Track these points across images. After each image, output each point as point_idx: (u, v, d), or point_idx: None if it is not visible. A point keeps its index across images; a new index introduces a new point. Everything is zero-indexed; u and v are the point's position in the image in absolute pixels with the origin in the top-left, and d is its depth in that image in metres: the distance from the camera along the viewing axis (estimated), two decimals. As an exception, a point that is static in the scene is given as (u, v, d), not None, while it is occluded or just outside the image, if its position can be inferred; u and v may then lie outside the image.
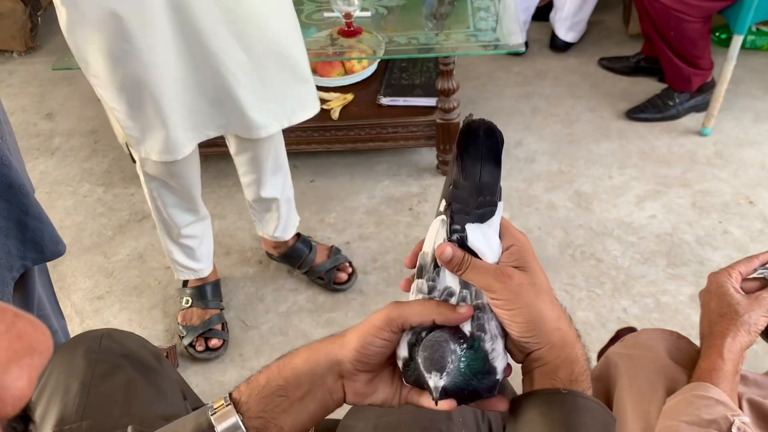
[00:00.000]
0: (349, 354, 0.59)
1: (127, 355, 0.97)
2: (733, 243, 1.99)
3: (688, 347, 0.96)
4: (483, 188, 0.59)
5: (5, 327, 0.28)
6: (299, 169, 2.36)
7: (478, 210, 0.59)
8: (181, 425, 0.62)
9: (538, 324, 0.56)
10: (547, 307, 0.57)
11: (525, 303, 0.56)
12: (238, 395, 0.61)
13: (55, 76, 3.04)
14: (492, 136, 0.59)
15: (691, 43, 2.31)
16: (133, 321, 1.93)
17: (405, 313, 0.58)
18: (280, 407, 0.60)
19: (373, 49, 2.04)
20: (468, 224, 0.59)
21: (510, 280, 0.56)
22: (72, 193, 2.41)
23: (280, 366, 0.61)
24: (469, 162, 0.59)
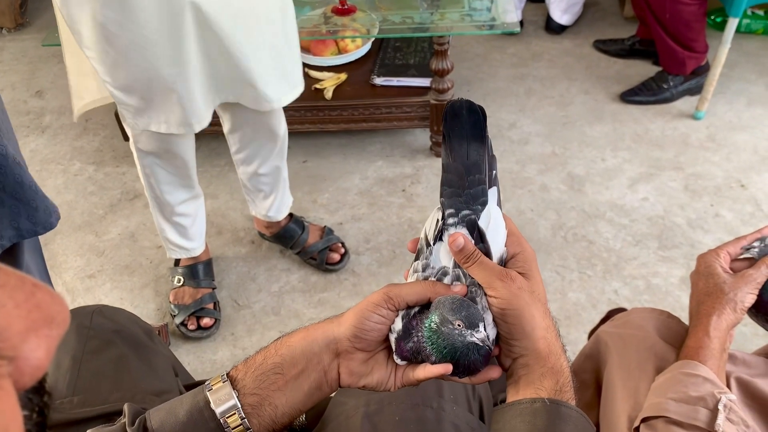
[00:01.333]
0: (346, 331, 0.60)
1: (118, 331, 0.97)
2: (724, 226, 2.00)
3: (678, 326, 0.97)
4: (471, 167, 0.60)
5: (24, 296, 0.28)
6: (292, 149, 2.33)
7: (470, 189, 0.60)
8: (179, 401, 0.63)
9: (527, 328, 0.58)
10: (539, 315, 0.59)
11: (520, 306, 0.58)
12: (235, 373, 0.62)
13: (46, 53, 3.00)
14: (474, 114, 0.60)
15: (686, 26, 2.30)
16: (125, 300, 1.92)
17: (402, 292, 0.60)
18: (275, 385, 0.61)
19: (367, 28, 2.02)
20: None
21: (512, 282, 0.59)
22: (63, 171, 2.39)
23: (278, 345, 0.62)
24: (455, 142, 0.60)
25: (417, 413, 0.80)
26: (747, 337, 1.69)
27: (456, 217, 0.60)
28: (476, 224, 0.60)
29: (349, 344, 0.60)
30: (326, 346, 0.60)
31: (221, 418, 0.60)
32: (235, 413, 0.60)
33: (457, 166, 0.60)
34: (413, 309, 0.59)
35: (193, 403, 0.61)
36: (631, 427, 0.83)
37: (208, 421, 0.60)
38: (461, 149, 0.60)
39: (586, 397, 1.02)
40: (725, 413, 0.76)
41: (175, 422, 0.61)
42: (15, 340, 0.27)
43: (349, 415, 0.83)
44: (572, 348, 1.68)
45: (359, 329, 0.59)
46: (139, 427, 0.61)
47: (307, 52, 2.31)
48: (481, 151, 0.60)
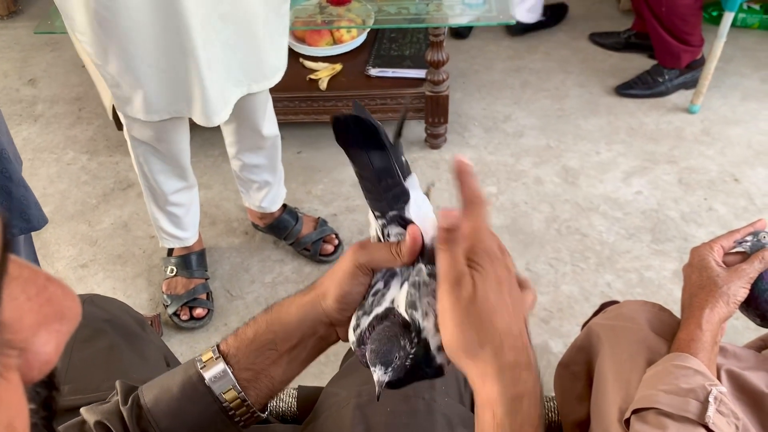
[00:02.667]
0: (332, 305, 0.60)
1: (109, 320, 0.96)
2: (717, 220, 2.00)
3: (670, 319, 0.97)
4: (381, 174, 0.57)
5: (36, 290, 0.28)
6: (286, 139, 2.33)
7: (387, 193, 0.58)
8: (170, 377, 0.63)
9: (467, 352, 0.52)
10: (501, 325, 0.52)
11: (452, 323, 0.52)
12: (226, 348, 0.62)
13: (38, 41, 2.98)
14: (361, 124, 0.56)
15: (682, 20, 2.30)
16: (117, 289, 1.92)
17: (373, 258, 0.58)
18: (270, 359, 0.61)
19: (362, 18, 2.01)
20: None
21: (458, 289, 0.52)
22: (56, 160, 2.38)
23: (268, 320, 0.62)
24: (355, 154, 0.57)
25: (408, 405, 0.80)
26: (738, 330, 1.70)
27: (384, 218, 0.59)
28: (406, 219, 0.58)
29: (339, 314, 0.60)
30: (318, 320, 0.61)
31: (218, 393, 0.60)
32: (232, 388, 0.60)
33: (368, 175, 0.57)
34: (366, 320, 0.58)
35: (186, 377, 0.61)
36: (622, 418, 0.84)
37: (203, 395, 0.60)
38: (363, 159, 0.57)
39: (577, 389, 1.02)
40: (716, 405, 0.77)
41: (170, 398, 0.61)
42: (26, 333, 0.27)
43: (340, 405, 0.83)
44: (564, 340, 1.69)
45: (343, 302, 0.59)
46: (132, 404, 0.61)
47: (302, 42, 2.30)
48: (384, 157, 0.57)
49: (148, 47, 1.31)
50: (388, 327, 0.55)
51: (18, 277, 0.27)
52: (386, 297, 0.58)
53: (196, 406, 0.61)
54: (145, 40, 1.30)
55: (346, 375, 0.91)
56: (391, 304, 0.58)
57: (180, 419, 0.60)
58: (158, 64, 1.34)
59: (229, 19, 1.35)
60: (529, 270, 1.88)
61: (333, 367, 1.61)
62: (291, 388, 1.00)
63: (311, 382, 1.62)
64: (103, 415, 0.61)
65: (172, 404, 0.60)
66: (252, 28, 1.39)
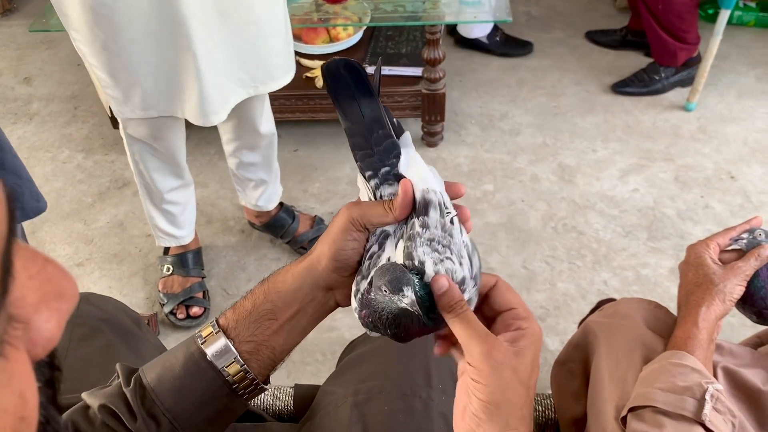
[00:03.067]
0: (328, 264, 0.59)
1: (105, 319, 0.96)
2: (714, 217, 2.01)
3: (666, 317, 0.97)
4: (372, 125, 0.58)
5: (37, 270, 0.29)
6: (283, 138, 2.33)
7: (379, 147, 0.58)
8: (171, 355, 0.63)
9: (496, 413, 0.51)
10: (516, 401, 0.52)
11: (496, 384, 0.51)
12: (225, 322, 0.62)
13: (34, 40, 2.97)
14: (354, 71, 0.57)
15: (679, 17, 2.30)
16: (114, 288, 1.91)
17: (366, 214, 0.58)
18: (270, 329, 0.61)
19: (358, 16, 2.01)
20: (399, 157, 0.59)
21: (494, 351, 0.52)
22: (51, 159, 2.37)
23: (266, 291, 0.62)
24: (346, 104, 0.58)
25: (406, 403, 0.80)
26: (734, 327, 1.70)
27: (377, 177, 0.59)
28: (400, 175, 0.58)
29: (336, 275, 0.60)
30: (315, 284, 0.61)
31: (221, 367, 0.60)
32: (234, 362, 0.60)
33: (359, 127, 0.58)
34: (364, 283, 0.56)
35: (187, 354, 0.61)
36: (618, 416, 0.84)
37: (206, 370, 0.61)
38: (354, 109, 0.58)
39: (573, 386, 1.02)
40: (712, 403, 0.77)
41: (173, 376, 0.61)
42: (28, 310, 0.28)
43: (337, 404, 0.83)
44: (561, 338, 1.69)
45: (338, 260, 0.59)
46: (135, 385, 0.61)
47: (298, 40, 2.30)
48: (374, 106, 0.58)
49: (145, 44, 1.31)
50: (388, 265, 0.54)
51: (20, 256, 0.28)
52: (382, 258, 0.58)
53: (200, 382, 0.61)
54: (143, 37, 1.29)
55: (343, 373, 0.91)
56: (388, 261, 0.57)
57: (184, 396, 0.61)
58: (155, 61, 1.34)
59: (230, 18, 1.34)
60: (526, 268, 1.88)
61: (330, 366, 1.61)
62: (288, 387, 0.99)
63: (308, 380, 1.62)
64: (106, 399, 0.61)
65: (176, 382, 0.61)
66: (254, 27, 1.39)
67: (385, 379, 0.83)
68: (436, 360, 0.86)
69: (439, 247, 0.55)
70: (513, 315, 0.56)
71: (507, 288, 0.58)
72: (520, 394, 0.52)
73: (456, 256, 0.55)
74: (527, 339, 0.54)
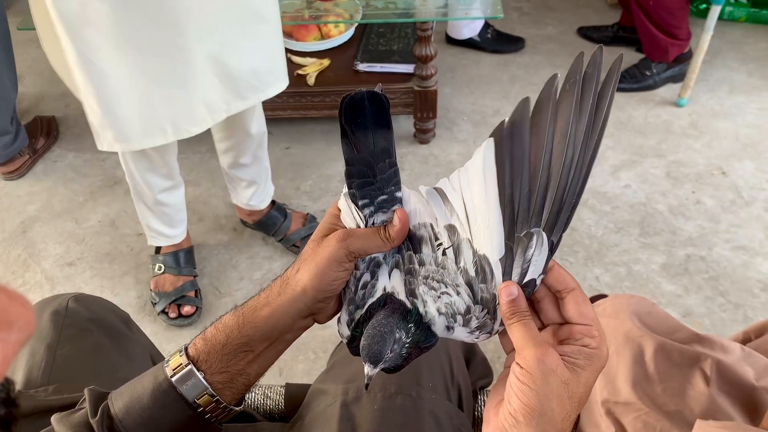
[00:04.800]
0: (314, 295, 0.58)
1: (95, 319, 0.95)
2: (705, 213, 2.01)
3: (657, 313, 0.97)
4: (379, 155, 0.58)
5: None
6: (275, 135, 2.33)
7: (382, 175, 0.58)
8: (139, 385, 0.61)
9: (536, 419, 0.50)
10: (558, 412, 0.51)
11: (541, 390, 0.50)
12: (196, 353, 0.60)
13: (24, 38, 2.94)
14: (378, 103, 0.57)
15: (670, 13, 2.30)
16: (105, 287, 1.90)
17: (363, 246, 0.57)
18: (245, 360, 0.60)
19: (350, 13, 2.01)
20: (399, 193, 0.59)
21: (546, 358, 0.51)
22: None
23: (240, 324, 0.60)
24: (360, 134, 0.58)
25: (395, 402, 0.80)
26: (725, 322, 1.71)
27: (372, 206, 0.58)
28: (397, 200, 0.59)
29: (320, 304, 0.59)
30: (298, 314, 0.59)
31: (192, 400, 0.59)
32: (206, 394, 0.59)
33: (364, 156, 0.58)
34: (359, 312, 0.58)
35: (156, 385, 0.60)
36: (607, 412, 0.84)
37: (175, 401, 0.59)
38: (367, 140, 0.58)
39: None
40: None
41: (141, 407, 0.59)
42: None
43: (327, 403, 0.82)
44: (554, 334, 1.69)
45: (325, 291, 0.58)
46: (102, 415, 0.60)
47: (289, 37, 2.29)
48: (388, 137, 0.58)
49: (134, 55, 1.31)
50: (383, 321, 0.55)
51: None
52: (377, 287, 0.58)
53: (169, 412, 0.59)
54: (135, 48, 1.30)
55: (334, 372, 0.91)
56: (384, 291, 0.58)
57: (153, 427, 0.59)
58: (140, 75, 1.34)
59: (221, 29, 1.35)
60: (518, 264, 1.88)
61: (322, 364, 1.61)
62: (279, 386, 0.99)
63: (300, 379, 1.62)
64: (73, 428, 0.60)
65: (144, 413, 0.59)
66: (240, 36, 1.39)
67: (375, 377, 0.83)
68: (425, 358, 0.86)
69: (434, 283, 0.56)
70: (584, 330, 0.54)
71: (584, 299, 0.55)
72: (564, 408, 0.51)
73: (452, 288, 0.56)
74: (589, 359, 0.53)
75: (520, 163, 0.53)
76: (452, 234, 0.56)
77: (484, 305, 0.55)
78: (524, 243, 0.53)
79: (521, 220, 0.53)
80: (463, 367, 0.94)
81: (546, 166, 0.53)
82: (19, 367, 0.87)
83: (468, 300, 0.55)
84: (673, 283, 1.80)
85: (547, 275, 0.55)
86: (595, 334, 0.54)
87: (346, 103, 0.57)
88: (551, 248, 0.54)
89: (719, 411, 0.85)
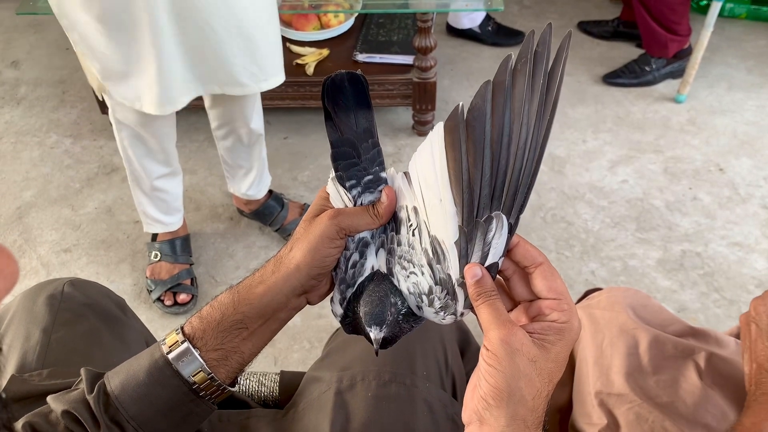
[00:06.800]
0: (307, 272, 0.59)
1: (90, 304, 0.95)
2: (702, 209, 2.02)
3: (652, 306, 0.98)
4: (362, 135, 0.60)
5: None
6: (273, 125, 2.32)
7: (366, 155, 0.60)
8: (136, 362, 0.62)
9: (505, 399, 0.51)
10: (528, 393, 0.51)
11: (508, 369, 0.50)
12: (191, 330, 0.61)
13: (21, 23, 2.94)
14: (357, 83, 0.59)
15: (670, 9, 2.30)
16: (101, 274, 1.90)
17: (353, 223, 0.59)
18: (239, 337, 0.61)
19: (350, 3, 2.00)
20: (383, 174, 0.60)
21: (511, 337, 0.51)
22: (38, 144, 2.35)
23: (236, 302, 0.61)
24: (342, 115, 0.59)
25: (389, 390, 0.80)
26: (720, 318, 1.71)
27: (359, 186, 0.60)
28: (383, 179, 0.60)
29: (313, 281, 0.60)
30: (291, 292, 0.60)
31: (187, 376, 0.60)
32: (201, 370, 0.60)
33: (348, 137, 0.59)
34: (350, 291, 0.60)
35: (152, 362, 0.61)
36: (600, 403, 0.84)
37: (171, 378, 0.60)
38: (349, 121, 0.59)
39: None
40: None
41: (137, 383, 0.60)
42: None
43: (322, 390, 0.83)
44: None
45: (318, 267, 0.59)
46: (99, 392, 0.61)
47: (288, 26, 2.28)
48: (369, 117, 0.60)
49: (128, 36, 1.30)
50: (376, 288, 0.58)
51: None
52: (365, 266, 0.60)
53: (165, 389, 0.60)
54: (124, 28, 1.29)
55: (328, 360, 0.91)
56: (372, 270, 0.60)
57: (149, 403, 0.60)
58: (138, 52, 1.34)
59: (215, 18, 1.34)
60: (515, 257, 1.88)
61: (317, 353, 1.61)
62: (274, 374, 0.99)
63: (295, 367, 1.62)
64: (69, 404, 0.61)
65: (140, 389, 0.60)
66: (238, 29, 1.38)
67: (369, 365, 0.83)
68: (420, 347, 0.86)
69: (405, 263, 0.58)
70: (552, 305, 0.54)
71: (552, 273, 0.55)
72: (534, 386, 0.51)
73: (417, 267, 0.57)
74: (559, 333, 0.53)
75: (480, 148, 0.53)
76: (416, 215, 0.58)
77: (443, 286, 0.56)
78: (484, 227, 0.54)
79: (483, 205, 0.54)
80: (458, 357, 0.94)
81: (506, 149, 0.53)
82: (13, 351, 0.87)
83: (430, 280, 0.57)
84: (668, 278, 1.81)
85: (514, 252, 0.56)
86: (565, 307, 0.54)
87: (327, 85, 0.58)
88: (510, 230, 0.55)
89: (711, 403, 0.86)
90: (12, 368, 0.85)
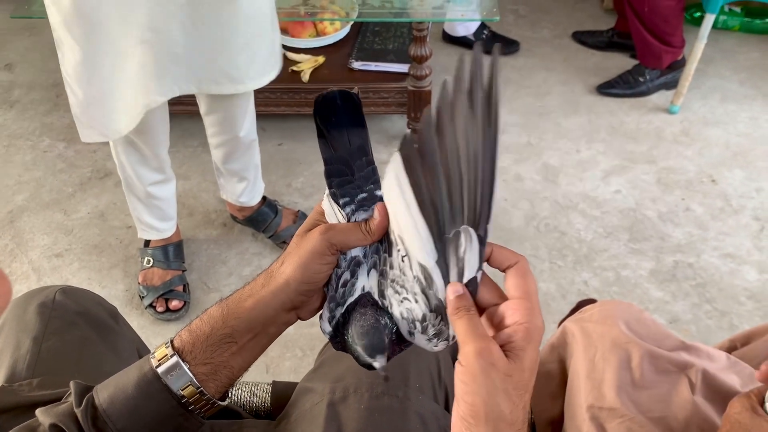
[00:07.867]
0: (297, 287, 0.59)
1: (81, 312, 0.94)
2: (694, 220, 2.02)
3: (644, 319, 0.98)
4: (355, 153, 0.59)
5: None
6: (267, 131, 2.32)
7: (360, 173, 0.60)
8: (125, 376, 0.62)
9: (483, 418, 0.50)
10: (505, 407, 0.51)
11: (483, 387, 0.50)
12: (181, 344, 0.61)
13: (15, 26, 2.93)
14: (350, 101, 0.59)
15: (664, 20, 2.31)
16: (93, 280, 1.89)
17: (345, 239, 0.58)
18: (228, 352, 0.60)
19: (346, 11, 2.00)
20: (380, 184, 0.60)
21: (487, 355, 0.51)
22: (31, 147, 2.34)
23: (225, 315, 0.60)
24: (335, 133, 0.59)
25: (382, 402, 0.80)
26: (711, 330, 1.72)
27: (353, 204, 0.60)
28: (377, 198, 0.60)
29: (303, 297, 0.60)
30: (281, 307, 0.60)
31: (176, 390, 0.59)
32: (190, 384, 0.60)
33: (341, 155, 0.59)
34: (340, 310, 0.60)
35: (141, 375, 0.60)
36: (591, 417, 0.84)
37: (160, 391, 0.60)
38: (342, 138, 0.59)
39: (551, 387, 1.03)
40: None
41: (126, 397, 0.60)
42: None
43: (314, 402, 0.82)
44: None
45: (309, 283, 0.59)
46: (87, 405, 0.60)
47: (284, 33, 2.28)
48: (363, 135, 0.60)
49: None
50: (365, 315, 0.57)
51: None
52: (356, 286, 0.60)
53: (154, 403, 0.60)
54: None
55: (321, 371, 0.91)
56: (363, 291, 0.60)
57: (137, 417, 0.60)
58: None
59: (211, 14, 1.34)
60: (508, 267, 1.89)
61: (309, 362, 1.61)
62: (266, 384, 0.99)
63: (287, 376, 1.62)
64: (57, 418, 0.60)
65: (129, 403, 0.60)
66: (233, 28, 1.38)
67: (362, 377, 0.83)
68: (414, 359, 0.86)
69: (398, 287, 0.57)
70: (513, 305, 0.54)
71: (524, 273, 0.56)
72: (512, 400, 0.51)
73: (411, 294, 0.57)
74: (527, 336, 0.53)
75: (433, 168, 0.53)
76: (402, 242, 0.57)
77: (437, 312, 0.56)
78: (454, 242, 0.54)
79: (447, 221, 0.53)
80: (451, 369, 0.94)
81: (455, 166, 0.53)
82: (3, 359, 0.87)
83: (424, 308, 0.56)
84: (660, 289, 1.81)
85: (491, 260, 0.57)
86: (527, 305, 0.54)
87: (319, 103, 0.58)
88: (481, 241, 0.54)
89: (703, 418, 0.86)
90: (2, 377, 0.85)
